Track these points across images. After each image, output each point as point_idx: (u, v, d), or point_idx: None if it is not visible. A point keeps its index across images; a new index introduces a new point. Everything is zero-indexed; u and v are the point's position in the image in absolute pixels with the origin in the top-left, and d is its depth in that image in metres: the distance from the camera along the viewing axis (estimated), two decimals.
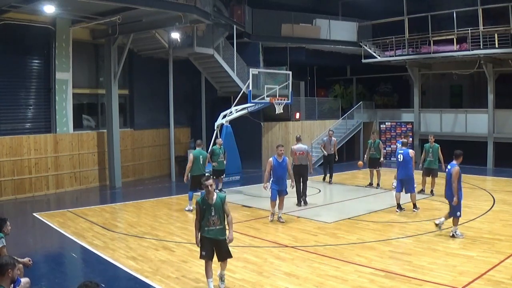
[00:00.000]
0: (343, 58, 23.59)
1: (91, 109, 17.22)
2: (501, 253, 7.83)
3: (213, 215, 6.25)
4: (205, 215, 6.26)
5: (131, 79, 18.28)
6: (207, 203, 6.27)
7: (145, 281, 6.97)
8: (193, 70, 19.43)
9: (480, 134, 19.47)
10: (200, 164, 11.87)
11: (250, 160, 19.32)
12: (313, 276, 7.01)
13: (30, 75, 14.74)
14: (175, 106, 18.00)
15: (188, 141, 20.13)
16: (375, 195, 13.52)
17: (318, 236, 9.42)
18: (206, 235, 6.27)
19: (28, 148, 14.32)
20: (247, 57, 19.90)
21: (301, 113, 21.55)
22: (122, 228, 10.29)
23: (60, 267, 8.09)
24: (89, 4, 12.65)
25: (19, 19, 13.80)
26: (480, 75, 20.74)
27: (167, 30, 16.57)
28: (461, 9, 18.52)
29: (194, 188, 11.69)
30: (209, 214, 6.25)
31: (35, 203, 13.74)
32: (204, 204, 6.29)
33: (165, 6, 13.63)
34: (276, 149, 10.64)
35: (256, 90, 17.33)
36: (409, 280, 6.72)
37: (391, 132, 22.58)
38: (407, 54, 20.20)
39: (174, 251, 8.45)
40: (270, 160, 10.47)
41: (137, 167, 18.23)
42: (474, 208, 11.51)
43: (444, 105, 22.68)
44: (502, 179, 16.32)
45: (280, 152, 10.40)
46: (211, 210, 6.25)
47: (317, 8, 22.29)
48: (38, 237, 10.17)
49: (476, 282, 6.55)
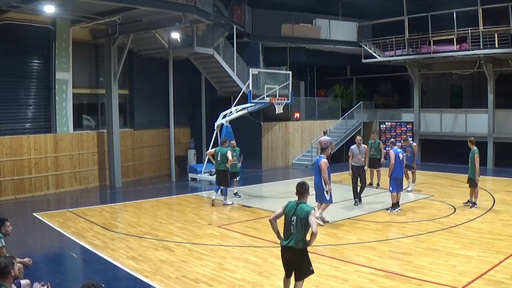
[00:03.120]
0: (343, 58, 23.59)
1: (91, 109, 17.22)
2: (501, 253, 7.83)
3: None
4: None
5: (131, 79, 18.28)
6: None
7: (145, 281, 6.97)
8: (193, 70, 19.42)
9: (480, 134, 19.46)
10: (217, 160, 12.66)
11: (250, 160, 19.30)
12: (313, 276, 6.96)
13: (30, 75, 14.74)
14: (175, 106, 17.99)
15: (188, 141, 20.13)
16: (375, 195, 13.52)
17: (318, 236, 9.40)
18: None
19: (28, 148, 14.32)
20: (247, 57, 19.90)
21: (300, 113, 21.56)
22: (122, 228, 10.29)
23: (60, 267, 8.09)
24: (89, 4, 12.65)
25: (19, 19, 13.81)
26: (480, 75, 20.75)
27: (167, 30, 16.57)
28: (461, 9, 18.52)
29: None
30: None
31: (35, 203, 13.73)
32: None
33: (165, 6, 13.62)
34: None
35: (256, 90, 17.33)
36: (409, 280, 6.72)
37: (391, 132, 22.58)
38: (407, 54, 20.20)
39: (174, 251, 8.45)
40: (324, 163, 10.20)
41: (137, 167, 18.22)
42: (474, 208, 11.51)
43: (444, 105, 22.69)
44: (502, 179, 16.32)
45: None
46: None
47: (317, 8, 22.29)
48: (38, 237, 10.17)
49: (476, 282, 6.55)
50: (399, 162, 11.24)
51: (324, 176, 9.84)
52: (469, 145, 11.53)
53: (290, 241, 5.57)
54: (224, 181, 12.71)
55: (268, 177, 18.68)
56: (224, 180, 12.70)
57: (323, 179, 9.87)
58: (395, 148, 11.53)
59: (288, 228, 5.61)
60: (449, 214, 10.92)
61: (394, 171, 11.16)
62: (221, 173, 12.74)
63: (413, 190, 13.78)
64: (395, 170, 11.17)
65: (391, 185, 11.24)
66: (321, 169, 9.85)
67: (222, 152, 12.59)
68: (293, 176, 18.13)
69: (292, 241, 5.56)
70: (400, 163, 11.25)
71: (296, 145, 21.18)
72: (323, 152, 10.35)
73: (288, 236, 5.60)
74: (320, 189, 10.02)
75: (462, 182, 15.56)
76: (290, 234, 5.58)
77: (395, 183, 11.19)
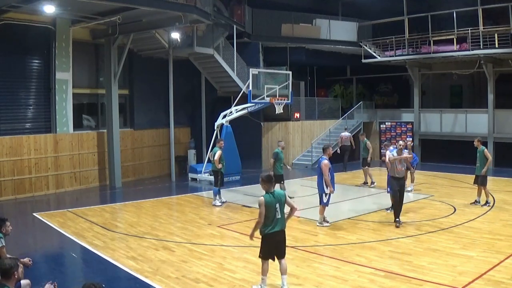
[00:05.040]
0: (343, 58, 23.60)
1: (91, 109, 17.22)
2: (501, 253, 7.83)
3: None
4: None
5: (131, 79, 18.27)
6: None
7: (145, 281, 6.97)
8: (193, 70, 19.42)
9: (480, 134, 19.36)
10: (212, 160, 12.77)
11: (250, 160, 19.33)
12: (313, 276, 7.01)
13: (30, 75, 14.74)
14: (175, 106, 17.99)
15: (188, 141, 20.13)
16: (375, 195, 13.52)
17: (318, 236, 9.42)
18: None
19: (28, 148, 14.32)
20: (247, 57, 19.90)
21: (300, 113, 21.56)
22: (122, 228, 10.29)
23: (60, 267, 8.10)
24: (89, 4, 12.65)
25: (19, 19, 13.80)
26: (480, 75, 20.75)
27: (167, 30, 16.57)
28: (461, 9, 18.50)
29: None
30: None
31: (35, 203, 13.74)
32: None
33: (165, 6, 13.63)
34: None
35: (256, 90, 17.33)
36: (409, 280, 6.72)
37: (391, 132, 22.58)
38: (407, 54, 20.20)
39: (174, 251, 8.45)
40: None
41: (137, 167, 18.22)
42: (474, 208, 11.52)
43: (444, 105, 22.68)
44: (502, 179, 16.31)
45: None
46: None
47: (317, 8, 22.29)
48: (38, 237, 10.17)
49: (476, 282, 6.56)
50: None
51: (325, 178, 9.79)
52: (477, 145, 11.77)
53: (278, 225, 6.29)
54: (215, 181, 12.69)
55: None
56: (215, 180, 12.68)
57: (324, 181, 9.84)
58: (391, 149, 11.51)
59: (274, 216, 6.25)
60: (449, 214, 10.92)
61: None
62: (214, 173, 12.78)
63: (413, 190, 13.78)
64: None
65: (389, 186, 11.23)
66: (322, 171, 9.80)
67: (214, 152, 12.66)
68: (293, 176, 18.12)
69: (281, 225, 6.32)
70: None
71: (296, 145, 21.18)
72: (325, 152, 10.33)
73: (276, 222, 6.26)
74: (321, 191, 9.99)
75: (462, 182, 15.63)
76: (276, 220, 6.26)
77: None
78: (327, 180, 9.78)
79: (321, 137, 21.64)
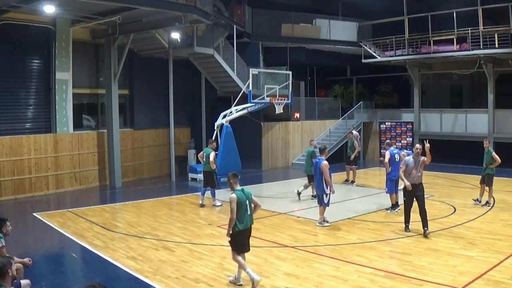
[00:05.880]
0: (343, 58, 23.60)
1: (91, 109, 17.22)
2: (501, 253, 7.83)
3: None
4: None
5: (131, 79, 18.27)
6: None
7: (145, 281, 6.97)
8: (193, 70, 19.42)
9: (480, 134, 19.44)
10: (203, 160, 12.70)
11: (250, 160, 19.32)
12: (313, 276, 7.01)
13: (30, 75, 14.73)
14: (175, 106, 17.99)
15: (188, 141, 20.13)
16: (375, 195, 13.52)
17: (318, 236, 9.42)
18: None
19: (28, 148, 14.32)
20: (247, 57, 19.90)
21: (300, 113, 21.56)
22: (122, 228, 10.29)
23: (60, 267, 8.09)
24: (89, 4, 12.65)
25: (19, 19, 13.80)
26: (480, 75, 20.75)
27: (167, 30, 16.57)
28: (461, 9, 18.50)
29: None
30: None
31: (35, 203, 13.73)
32: None
33: (165, 6, 13.63)
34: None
35: (256, 90, 17.33)
36: (409, 280, 6.72)
37: (391, 132, 22.58)
38: (407, 54, 20.19)
39: (174, 251, 8.45)
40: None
41: (137, 167, 18.22)
42: (474, 208, 11.52)
43: (444, 105, 22.69)
44: (502, 179, 16.28)
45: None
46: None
47: (317, 8, 22.29)
48: (38, 237, 10.17)
49: (476, 282, 6.56)
50: (396, 163, 11.10)
51: (327, 178, 9.81)
52: (486, 146, 11.92)
53: (249, 221, 6.75)
54: (211, 182, 12.62)
55: (268, 177, 18.67)
56: (210, 181, 12.62)
57: (325, 181, 9.84)
58: (391, 149, 11.52)
59: (245, 212, 6.66)
60: (449, 214, 10.93)
61: (390, 172, 11.14)
62: (206, 174, 12.71)
63: None
64: (391, 171, 11.14)
65: (387, 186, 11.23)
66: (323, 172, 9.81)
67: (207, 153, 12.64)
68: (293, 176, 18.13)
69: (251, 220, 6.80)
70: (397, 164, 11.05)
71: (296, 145, 21.18)
72: (322, 153, 10.33)
73: (247, 218, 6.68)
74: (321, 192, 9.99)
75: (462, 182, 15.63)
76: (247, 216, 6.69)
77: (391, 184, 11.18)
78: (328, 180, 9.80)
79: (321, 137, 21.64)
